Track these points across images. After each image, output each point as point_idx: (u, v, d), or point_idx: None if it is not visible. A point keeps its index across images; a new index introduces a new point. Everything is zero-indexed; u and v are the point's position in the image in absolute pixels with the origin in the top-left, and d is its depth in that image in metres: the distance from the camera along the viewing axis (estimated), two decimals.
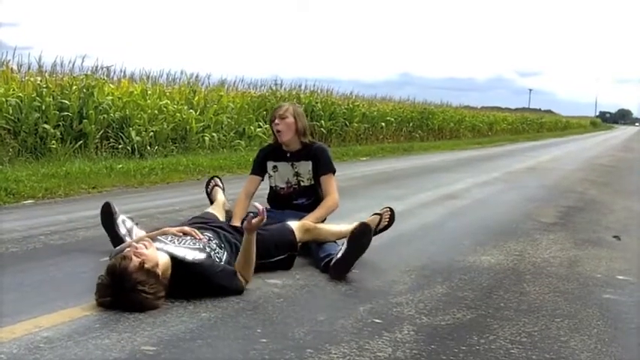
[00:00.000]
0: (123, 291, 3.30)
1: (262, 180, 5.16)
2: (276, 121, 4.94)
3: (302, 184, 5.02)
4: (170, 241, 3.78)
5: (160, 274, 3.43)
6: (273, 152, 5.09)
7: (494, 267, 4.64)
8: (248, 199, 5.01)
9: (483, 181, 10.90)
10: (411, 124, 25.10)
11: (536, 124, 47.64)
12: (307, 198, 4.99)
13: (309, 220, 4.64)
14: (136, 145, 12.10)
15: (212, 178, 5.76)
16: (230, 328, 3.16)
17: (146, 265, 3.36)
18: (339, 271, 4.16)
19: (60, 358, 2.70)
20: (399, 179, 11.09)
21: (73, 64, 12.87)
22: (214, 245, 3.90)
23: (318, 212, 4.83)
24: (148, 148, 12.33)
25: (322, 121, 19.01)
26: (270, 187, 5.15)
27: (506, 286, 4.14)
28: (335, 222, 5.90)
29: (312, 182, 5.00)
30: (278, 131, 4.94)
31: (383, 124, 22.63)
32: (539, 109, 79.69)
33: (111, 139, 12.02)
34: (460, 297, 3.84)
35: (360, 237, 4.16)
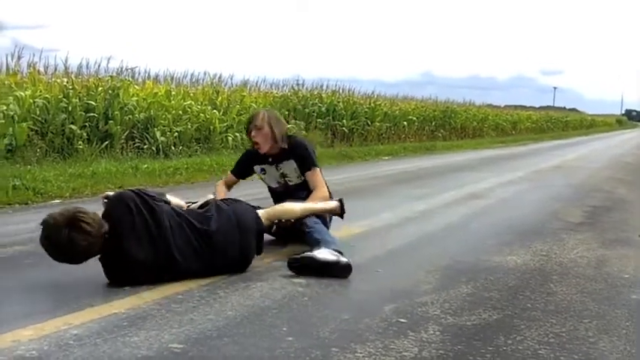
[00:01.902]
0: (62, 226, 3.59)
1: (238, 182, 5.28)
2: (253, 133, 4.95)
3: (290, 183, 5.04)
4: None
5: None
6: (257, 157, 5.11)
7: (521, 267, 4.61)
8: (227, 188, 5.20)
9: (508, 181, 10.83)
10: (433, 123, 25.00)
11: (560, 123, 47.27)
12: (302, 192, 4.97)
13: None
14: (160, 146, 12.20)
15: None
16: (256, 326, 3.17)
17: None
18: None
19: (89, 355, 2.73)
20: (422, 178, 11.06)
21: (99, 66, 13.00)
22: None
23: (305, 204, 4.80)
24: (173, 148, 12.43)
25: (344, 121, 19.02)
26: (268, 187, 5.22)
27: (532, 287, 4.11)
28: (358, 221, 5.94)
29: (302, 179, 5.01)
30: (256, 143, 4.95)
31: (405, 123, 22.56)
32: (564, 108, 78.98)
33: (136, 140, 12.13)
34: (486, 297, 3.81)
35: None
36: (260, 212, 4.45)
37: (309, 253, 4.18)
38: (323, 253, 4.15)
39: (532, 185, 10.34)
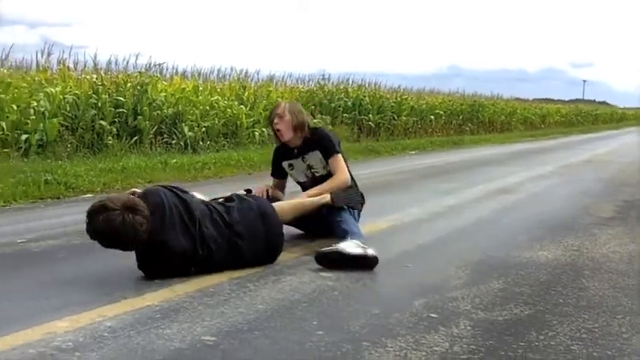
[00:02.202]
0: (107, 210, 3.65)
1: (285, 180, 5.26)
2: (275, 120, 4.98)
3: (317, 174, 5.04)
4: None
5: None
6: (284, 152, 5.15)
7: (552, 262, 4.57)
8: (280, 190, 5.21)
9: (538, 175, 10.74)
10: (460, 117, 24.86)
11: (590, 116, 46.74)
12: None
13: (312, 192, 4.77)
14: (188, 141, 12.28)
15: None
16: (287, 320, 3.19)
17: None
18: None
19: (123, 347, 2.77)
20: (449, 173, 11.01)
21: (127, 62, 13.13)
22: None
23: (321, 186, 4.84)
24: (200, 143, 12.50)
25: (370, 115, 18.98)
26: (297, 182, 5.23)
27: (564, 282, 4.07)
28: (387, 216, 5.94)
29: (329, 169, 5.01)
30: (278, 130, 4.98)
31: (432, 117, 22.46)
32: (594, 101, 78.02)
33: (164, 135, 12.22)
34: (517, 292, 3.79)
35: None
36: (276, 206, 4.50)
37: (335, 246, 4.19)
38: (350, 247, 4.16)
39: (562, 180, 10.25)
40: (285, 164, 5.17)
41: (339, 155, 5.00)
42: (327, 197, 4.64)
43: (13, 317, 3.13)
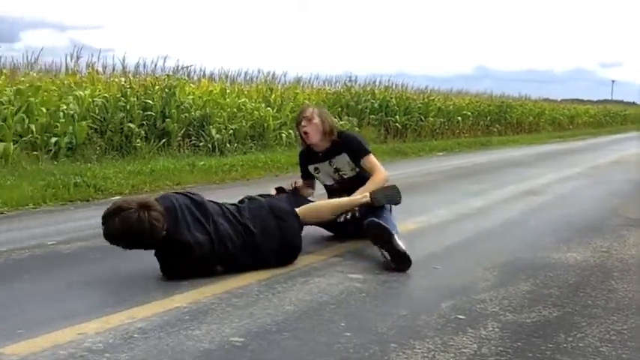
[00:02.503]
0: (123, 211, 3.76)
1: (314, 180, 5.28)
2: (303, 123, 5.00)
3: (345, 176, 5.06)
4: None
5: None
6: (309, 156, 5.17)
7: (580, 264, 4.55)
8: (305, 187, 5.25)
9: (566, 176, 10.66)
10: (488, 118, 24.71)
11: (619, 117, 46.20)
12: (359, 185, 4.93)
13: (360, 193, 4.71)
14: (216, 143, 12.34)
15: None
16: (315, 321, 3.21)
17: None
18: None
19: (153, 348, 2.81)
20: (477, 174, 10.96)
21: (155, 65, 13.23)
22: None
23: (365, 187, 4.81)
24: (228, 145, 12.55)
25: (397, 117, 18.95)
26: (324, 186, 5.25)
27: (593, 284, 4.05)
28: (414, 217, 5.93)
29: (357, 171, 5.01)
30: (305, 133, 4.99)
31: (459, 118, 22.36)
32: (622, 101, 77.04)
33: (192, 137, 12.30)
34: (545, 294, 3.78)
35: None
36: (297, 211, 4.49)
37: (391, 230, 4.23)
38: (400, 240, 4.21)
39: (590, 181, 10.15)
40: (311, 168, 5.19)
41: (371, 155, 5.02)
42: (366, 197, 4.64)
43: (44, 319, 3.17)
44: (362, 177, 4.98)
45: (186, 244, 3.82)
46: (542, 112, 30.79)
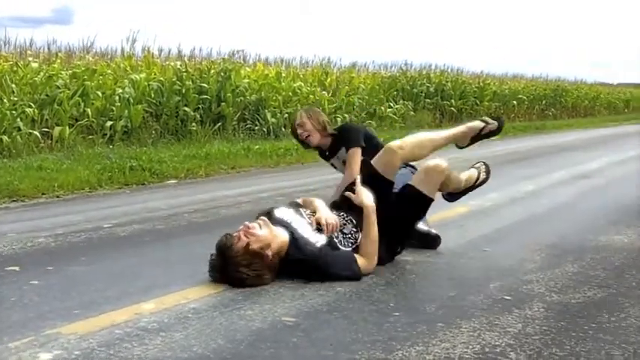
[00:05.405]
0: (226, 270, 3.47)
1: None
2: (299, 131, 5.04)
3: None
4: (300, 217, 3.84)
5: (270, 255, 3.50)
6: (323, 155, 5.23)
7: (628, 247, 4.55)
8: None
9: (619, 160, 10.52)
10: (543, 102, 24.38)
11: None
12: None
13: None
14: (271, 127, 12.44)
15: None
16: (364, 301, 3.29)
17: (252, 247, 3.45)
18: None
19: (206, 327, 2.90)
20: (530, 158, 10.90)
21: (211, 49, 13.38)
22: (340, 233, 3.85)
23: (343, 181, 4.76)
24: (283, 129, 12.58)
25: (452, 101, 18.87)
26: None
27: (639, 266, 4.06)
28: (466, 201, 5.94)
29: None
30: (307, 137, 5.02)
31: (514, 102, 22.11)
32: None
33: (247, 121, 12.42)
34: (591, 276, 3.81)
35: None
36: (396, 143, 4.05)
37: None
38: (419, 223, 4.28)
39: None
40: (329, 163, 5.28)
41: (357, 150, 4.83)
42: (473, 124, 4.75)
43: (101, 299, 3.27)
44: None
45: (309, 262, 3.61)
46: (598, 95, 30.19)
